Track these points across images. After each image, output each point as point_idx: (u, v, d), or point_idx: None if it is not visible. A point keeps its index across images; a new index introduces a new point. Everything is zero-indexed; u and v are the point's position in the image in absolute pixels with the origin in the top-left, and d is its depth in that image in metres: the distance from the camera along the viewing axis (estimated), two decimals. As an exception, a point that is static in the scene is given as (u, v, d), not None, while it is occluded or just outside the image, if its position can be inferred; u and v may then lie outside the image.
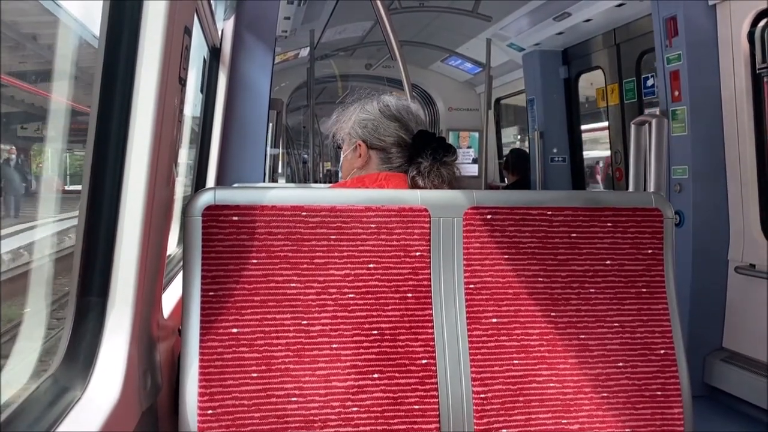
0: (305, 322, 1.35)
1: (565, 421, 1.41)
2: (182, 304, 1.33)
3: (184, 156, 3.11)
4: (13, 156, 2.58)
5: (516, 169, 5.94)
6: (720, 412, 3.06)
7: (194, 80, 3.01)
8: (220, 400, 1.29)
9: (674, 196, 3.25)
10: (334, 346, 1.35)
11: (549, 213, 1.45)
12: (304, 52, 6.83)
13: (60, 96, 1.81)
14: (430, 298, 1.40)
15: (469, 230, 1.42)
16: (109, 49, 1.16)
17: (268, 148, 3.82)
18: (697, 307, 3.19)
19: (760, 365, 2.94)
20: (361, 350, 1.36)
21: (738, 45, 3.05)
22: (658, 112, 3.40)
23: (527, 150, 6.29)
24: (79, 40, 1.73)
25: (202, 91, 3.13)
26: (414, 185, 1.72)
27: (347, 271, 1.37)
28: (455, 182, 1.74)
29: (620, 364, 1.45)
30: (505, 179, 6.20)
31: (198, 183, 3.15)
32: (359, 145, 1.81)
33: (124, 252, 1.18)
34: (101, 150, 1.16)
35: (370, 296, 1.38)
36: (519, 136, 7.95)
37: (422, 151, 1.72)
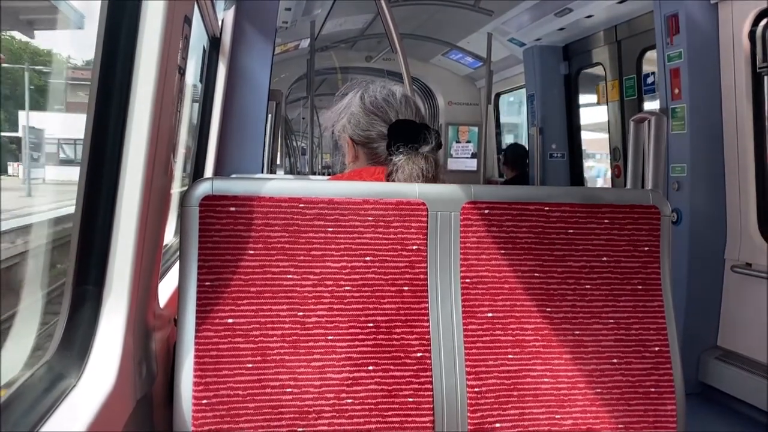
0: (301, 313, 1.35)
1: (558, 416, 1.42)
2: (178, 294, 1.33)
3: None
4: None
5: (515, 164, 5.94)
6: (714, 410, 3.07)
7: (193, 70, 3.00)
8: (214, 390, 1.29)
9: (672, 194, 3.25)
10: (329, 337, 1.35)
11: (546, 209, 1.45)
12: (305, 44, 6.81)
13: None
14: (426, 291, 1.40)
15: (466, 224, 1.42)
16: (109, 37, 1.15)
17: (267, 139, 3.81)
18: (692, 305, 3.20)
19: (755, 364, 2.95)
20: (357, 342, 1.36)
21: (739, 44, 3.05)
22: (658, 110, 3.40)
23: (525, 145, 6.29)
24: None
25: (201, 80, 3.13)
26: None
27: (344, 264, 1.37)
28: (437, 176, 1.60)
29: (615, 360, 1.45)
30: (503, 175, 6.18)
31: (196, 173, 3.15)
32: (347, 141, 1.74)
33: (120, 241, 1.18)
34: (99, 138, 1.16)
35: (366, 289, 1.38)
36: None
37: (398, 143, 1.60)
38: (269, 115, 4.00)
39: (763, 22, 2.97)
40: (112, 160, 1.17)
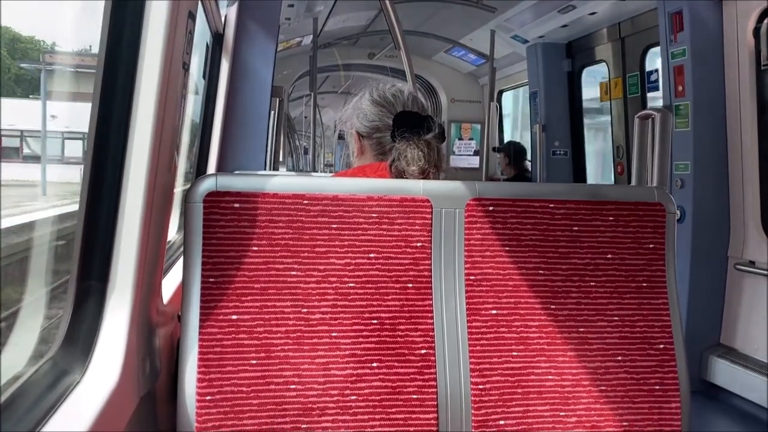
0: (305, 310, 1.34)
1: (562, 413, 1.42)
2: (182, 290, 1.33)
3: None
4: None
5: (516, 163, 5.93)
6: (716, 408, 3.06)
7: (197, 66, 3.00)
8: (218, 387, 1.29)
9: (675, 192, 3.24)
10: (333, 334, 1.35)
11: (551, 206, 1.45)
12: (307, 41, 6.80)
13: None
14: (431, 288, 1.40)
15: (470, 221, 1.42)
16: (113, 33, 1.15)
17: (270, 136, 3.80)
18: (695, 303, 3.19)
19: (758, 362, 2.95)
20: (361, 339, 1.36)
21: (743, 41, 3.04)
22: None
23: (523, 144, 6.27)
24: None
25: (204, 77, 3.13)
26: (397, 173, 1.63)
27: (348, 260, 1.37)
28: (440, 164, 1.64)
29: (619, 357, 1.45)
30: (503, 173, 6.16)
31: (199, 170, 3.15)
32: (354, 135, 1.80)
33: (124, 237, 1.18)
34: (103, 134, 1.16)
35: (370, 286, 1.37)
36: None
37: (402, 132, 1.65)
38: (272, 112, 4.00)
39: (767, 20, 2.96)
40: (116, 156, 1.16)
